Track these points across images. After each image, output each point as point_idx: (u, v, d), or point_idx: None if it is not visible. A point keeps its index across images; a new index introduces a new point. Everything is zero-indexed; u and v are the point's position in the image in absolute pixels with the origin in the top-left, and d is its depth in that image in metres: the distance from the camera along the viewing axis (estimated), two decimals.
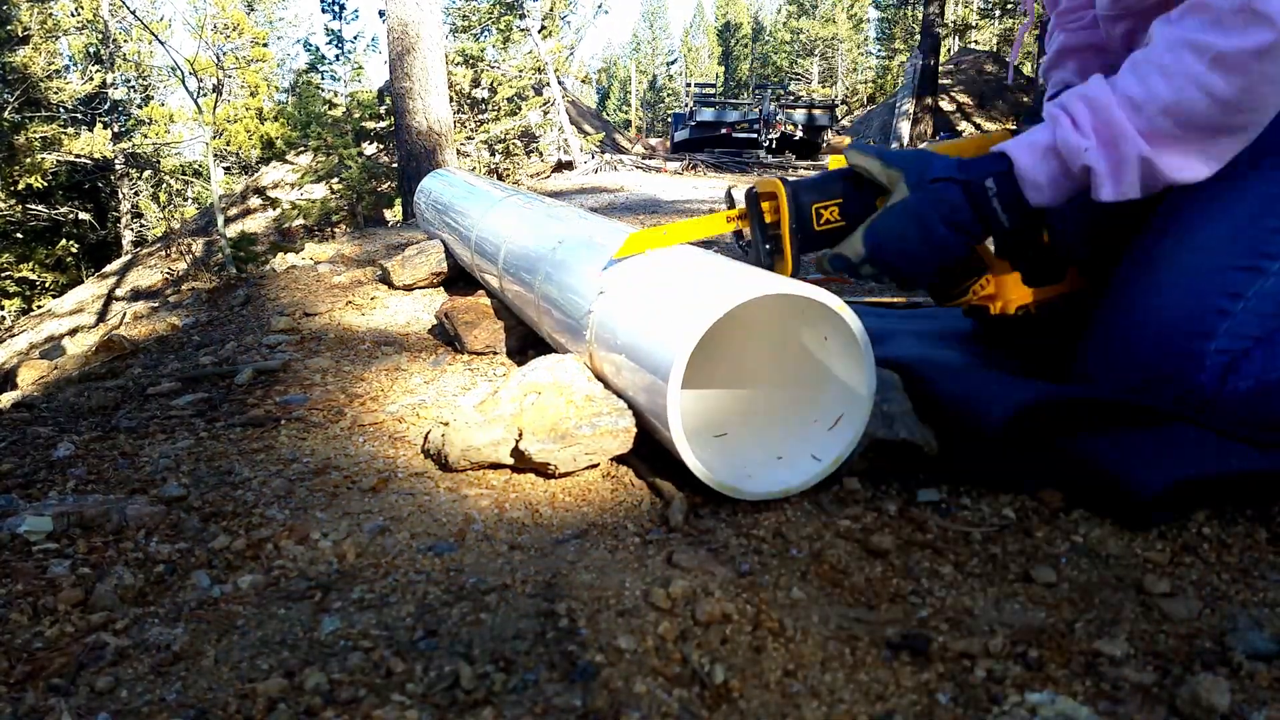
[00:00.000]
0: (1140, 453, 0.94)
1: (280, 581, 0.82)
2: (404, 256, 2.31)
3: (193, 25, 9.99)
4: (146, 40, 16.78)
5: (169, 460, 1.14)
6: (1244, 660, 0.67)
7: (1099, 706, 0.63)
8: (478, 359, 1.64)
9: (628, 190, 6.37)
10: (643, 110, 50.06)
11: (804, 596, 0.78)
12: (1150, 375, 1.04)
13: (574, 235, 1.35)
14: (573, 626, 0.73)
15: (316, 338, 1.86)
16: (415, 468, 1.10)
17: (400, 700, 0.64)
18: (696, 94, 19.81)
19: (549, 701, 0.63)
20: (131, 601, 0.79)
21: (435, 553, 0.87)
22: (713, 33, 56.59)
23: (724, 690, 0.65)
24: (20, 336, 9.75)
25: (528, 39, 14.41)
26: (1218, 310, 1.01)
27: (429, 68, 6.15)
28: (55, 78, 13.82)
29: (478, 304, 1.77)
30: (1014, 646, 0.71)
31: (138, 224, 14.92)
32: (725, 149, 15.61)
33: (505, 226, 1.70)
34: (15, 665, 0.69)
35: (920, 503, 0.97)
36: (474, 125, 13.40)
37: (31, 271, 12.70)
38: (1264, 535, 0.90)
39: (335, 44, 15.87)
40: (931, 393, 1.06)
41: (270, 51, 20.10)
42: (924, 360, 1.16)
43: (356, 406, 1.41)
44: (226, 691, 0.65)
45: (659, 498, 1.00)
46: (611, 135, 19.35)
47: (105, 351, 1.88)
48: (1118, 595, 0.79)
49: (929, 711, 0.63)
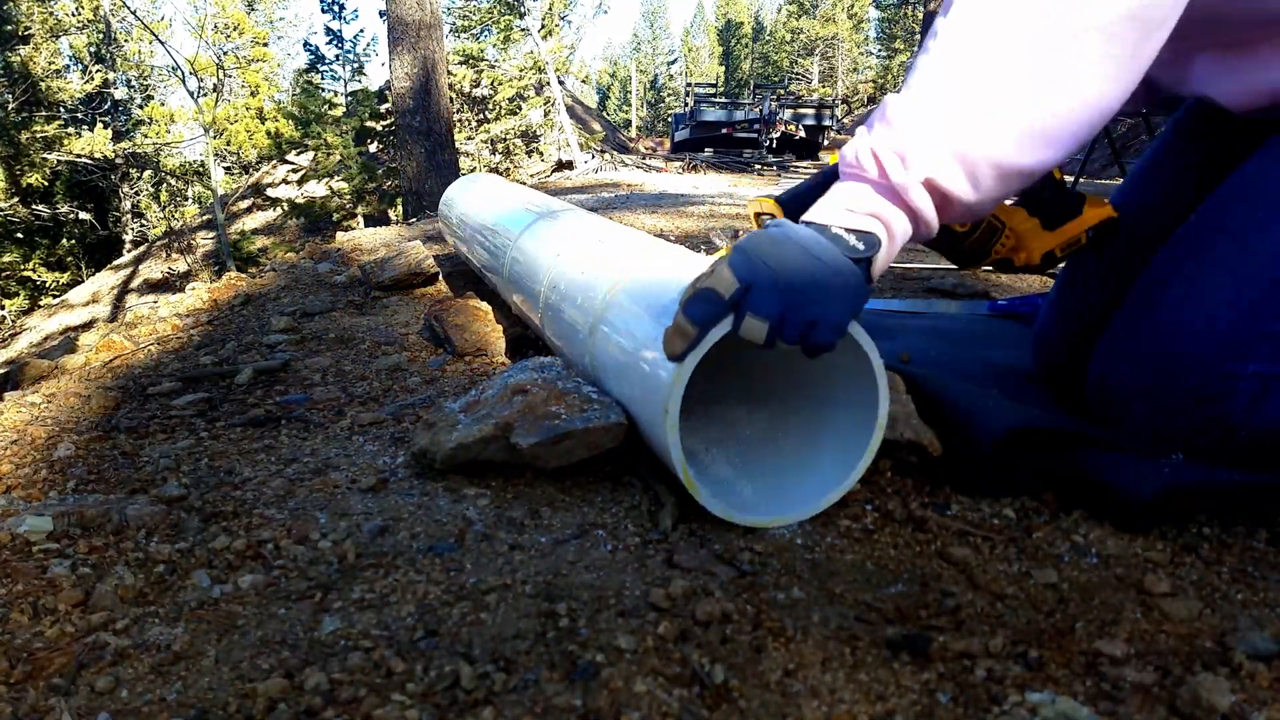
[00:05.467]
0: (1134, 460, 0.94)
1: (280, 581, 0.82)
2: (382, 259, 2.31)
3: (193, 25, 9.99)
4: (147, 40, 16.78)
5: (169, 460, 1.14)
6: (1244, 660, 0.67)
7: (1099, 706, 0.63)
8: (477, 359, 1.64)
9: (631, 187, 6.37)
10: (645, 109, 50.05)
11: (804, 596, 0.78)
12: (1173, 391, 0.95)
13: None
14: (573, 626, 0.73)
15: (316, 338, 1.86)
16: (415, 468, 1.10)
17: (400, 700, 0.64)
18: (697, 94, 19.82)
19: (549, 701, 0.63)
20: (131, 601, 0.79)
21: (435, 553, 0.87)
22: (713, 32, 56.58)
23: (724, 690, 0.65)
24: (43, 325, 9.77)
25: (528, 39, 14.41)
26: (1262, 334, 0.91)
27: (429, 67, 6.15)
28: (56, 77, 13.83)
29: (467, 305, 1.77)
30: (1014, 646, 0.71)
31: (138, 224, 14.92)
32: (726, 149, 15.62)
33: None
34: (15, 665, 0.69)
35: (921, 502, 0.97)
36: (474, 125, 13.40)
37: (32, 271, 12.71)
38: (1264, 535, 0.90)
39: (335, 44, 15.88)
40: (933, 398, 1.06)
41: (270, 51, 20.09)
42: (926, 364, 1.16)
43: (356, 406, 1.41)
44: (227, 691, 0.65)
45: (656, 501, 1.00)
46: (613, 135, 19.34)
47: (106, 351, 1.88)
48: (1118, 595, 0.79)
49: (929, 711, 0.63)
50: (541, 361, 1.18)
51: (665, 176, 8.80)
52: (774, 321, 0.79)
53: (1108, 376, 1.03)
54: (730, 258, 0.82)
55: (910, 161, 0.81)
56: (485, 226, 1.94)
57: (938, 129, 0.80)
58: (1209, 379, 0.93)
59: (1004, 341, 1.54)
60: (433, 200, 5.99)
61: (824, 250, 0.81)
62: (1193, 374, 0.94)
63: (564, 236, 1.46)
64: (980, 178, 0.82)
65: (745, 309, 0.80)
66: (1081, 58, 0.77)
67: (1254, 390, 0.92)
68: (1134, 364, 0.99)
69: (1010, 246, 1.10)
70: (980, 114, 0.79)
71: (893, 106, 0.83)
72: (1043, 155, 0.81)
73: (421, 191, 6.22)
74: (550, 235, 1.52)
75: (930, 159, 0.81)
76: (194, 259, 10.40)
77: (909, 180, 0.82)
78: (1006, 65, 0.78)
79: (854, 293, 0.81)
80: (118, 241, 14.24)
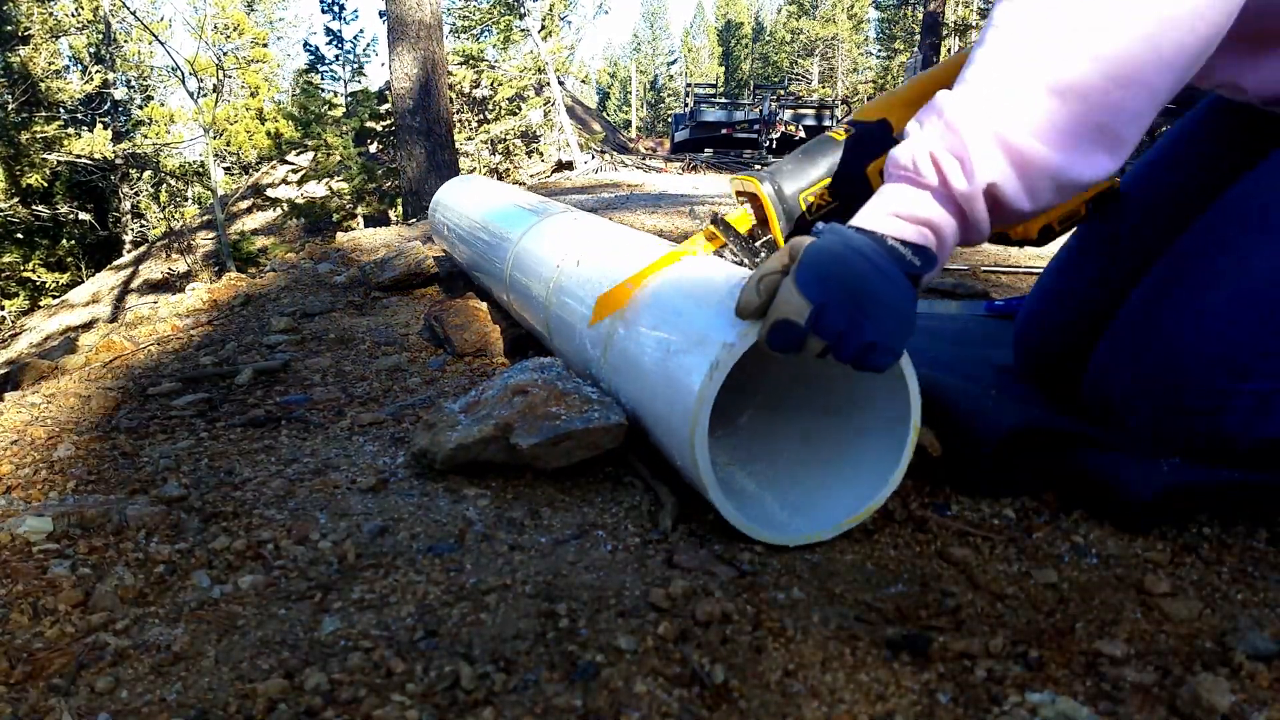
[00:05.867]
0: (1134, 460, 0.94)
1: (280, 582, 0.82)
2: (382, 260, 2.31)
3: (193, 26, 9.99)
4: (147, 40, 16.78)
5: (169, 460, 1.14)
6: (1244, 660, 0.67)
7: (1099, 706, 0.63)
8: (477, 360, 1.64)
9: (632, 188, 6.36)
10: (645, 109, 50.08)
11: (804, 596, 0.78)
12: (1172, 403, 0.95)
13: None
14: (573, 626, 0.73)
15: (316, 338, 1.86)
16: (415, 468, 1.10)
17: (400, 700, 0.64)
18: (697, 94, 19.83)
19: (549, 701, 0.63)
20: (131, 601, 0.79)
21: (435, 553, 0.87)
22: (713, 33, 56.60)
23: (724, 690, 0.65)
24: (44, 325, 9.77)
25: (528, 39, 14.42)
26: (1263, 352, 0.91)
27: (430, 67, 6.15)
28: (56, 78, 13.83)
29: (467, 305, 1.77)
30: (1014, 646, 0.71)
31: (138, 224, 14.92)
32: (726, 149, 15.63)
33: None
34: (15, 665, 0.69)
35: (921, 502, 0.97)
36: (474, 125, 13.41)
37: (32, 271, 12.72)
38: (1264, 535, 0.90)
39: (335, 44, 15.88)
40: (933, 398, 1.06)
41: (270, 52, 20.10)
42: (925, 365, 1.16)
43: (356, 406, 1.41)
44: (227, 691, 0.65)
45: (656, 501, 1.00)
46: (613, 135, 19.36)
47: (106, 351, 1.88)
48: (1118, 595, 0.79)
49: (929, 711, 0.63)
50: (541, 362, 1.18)
51: (665, 177, 8.80)
52: (832, 340, 0.76)
53: (1106, 379, 1.03)
54: (798, 275, 0.77)
55: (972, 168, 0.76)
56: (476, 228, 1.94)
57: (999, 130, 0.75)
58: (1207, 394, 0.92)
59: (1003, 341, 1.53)
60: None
61: (888, 267, 0.77)
62: (1191, 388, 0.93)
63: (571, 238, 1.45)
64: (1040, 189, 0.77)
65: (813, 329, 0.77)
66: (1159, 44, 0.72)
67: (1252, 406, 0.91)
68: (1134, 372, 0.99)
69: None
70: (1045, 111, 0.74)
71: (950, 106, 0.78)
72: (1103, 163, 0.77)
73: (421, 192, 6.22)
74: (554, 237, 1.52)
75: (993, 165, 0.76)
76: (194, 259, 10.40)
77: (973, 189, 0.77)
78: (1078, 55, 0.73)
79: (911, 314, 0.78)
80: (118, 242, 14.24)
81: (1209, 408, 0.93)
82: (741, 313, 0.81)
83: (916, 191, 0.80)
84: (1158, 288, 1.00)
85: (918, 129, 0.81)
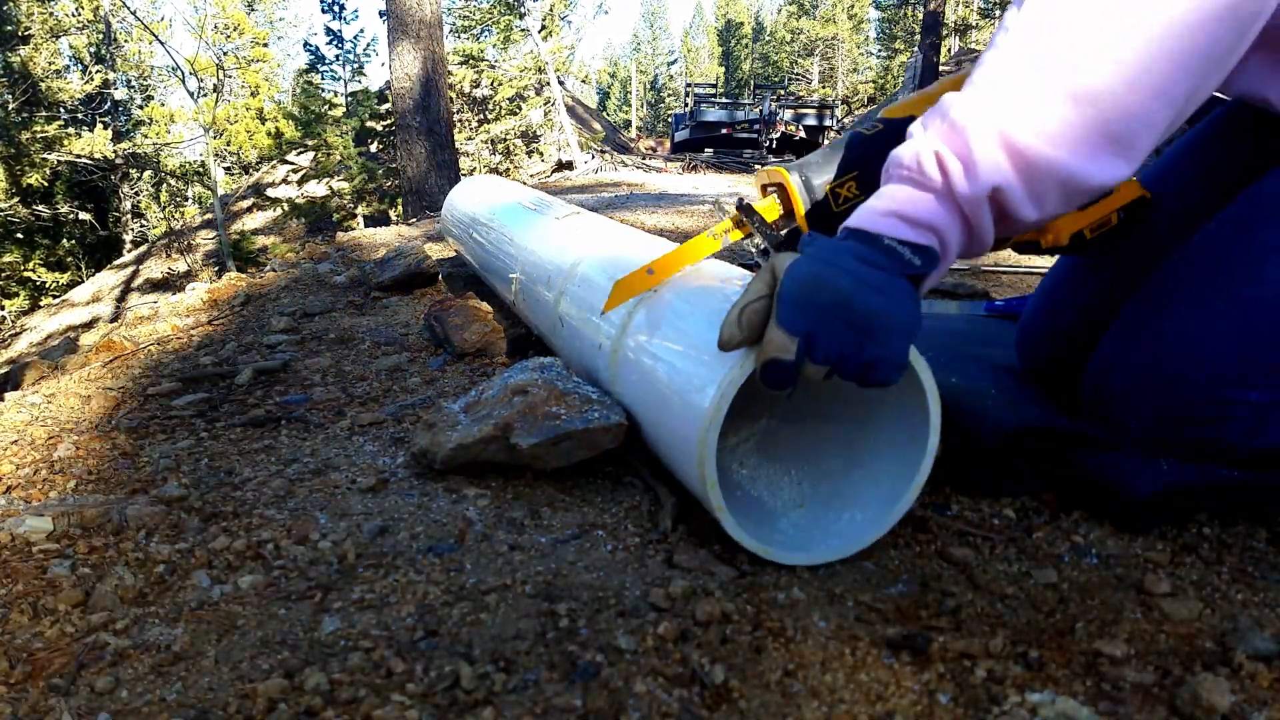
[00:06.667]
0: (1133, 460, 0.94)
1: (280, 582, 0.82)
2: (384, 260, 2.31)
3: (193, 25, 10.00)
4: (147, 40, 16.79)
5: (169, 460, 1.14)
6: (1244, 660, 0.67)
7: (1099, 706, 0.63)
8: (477, 360, 1.64)
9: (632, 188, 6.37)
10: (645, 109, 50.08)
11: (804, 597, 0.78)
12: (1172, 411, 0.94)
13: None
14: (573, 626, 0.73)
15: (316, 338, 1.86)
16: (415, 468, 1.10)
17: (400, 700, 0.64)
18: (697, 94, 19.83)
19: (549, 701, 0.63)
20: (131, 601, 0.79)
21: (435, 553, 0.87)
22: (713, 33, 56.61)
23: (724, 690, 0.65)
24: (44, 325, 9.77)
25: (528, 39, 14.42)
26: (1263, 366, 0.90)
27: (430, 66, 6.15)
28: (56, 77, 13.84)
29: (467, 305, 1.77)
30: (1014, 646, 0.71)
31: (138, 224, 14.93)
32: (726, 149, 15.64)
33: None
34: (15, 665, 0.69)
35: (921, 502, 0.97)
36: (474, 125, 13.40)
37: (32, 271, 12.73)
38: (1264, 535, 0.90)
39: (335, 44, 15.89)
40: None
41: (270, 52, 20.10)
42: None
43: (356, 406, 1.41)
44: (227, 691, 0.65)
45: (656, 501, 1.00)
46: (613, 135, 19.36)
47: (106, 351, 1.88)
48: (1118, 595, 0.79)
49: (929, 711, 0.63)
50: (542, 362, 1.18)
51: (665, 177, 8.81)
52: (832, 363, 0.74)
53: (1107, 383, 1.02)
54: (779, 313, 0.75)
55: (976, 170, 0.74)
56: (487, 228, 1.94)
57: (1006, 132, 0.73)
58: (1207, 403, 0.92)
59: (1003, 341, 1.53)
60: (433, 200, 5.99)
61: (876, 277, 0.74)
62: (1191, 399, 0.93)
63: (583, 238, 1.45)
64: (1046, 194, 0.75)
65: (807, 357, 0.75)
66: (1178, 51, 0.71)
67: (1252, 417, 0.91)
68: (1135, 378, 0.98)
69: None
70: (1056, 115, 0.72)
71: (956, 108, 0.76)
72: (1114, 168, 0.75)
73: (422, 191, 6.22)
74: (565, 237, 1.52)
75: (998, 168, 0.74)
76: (194, 259, 10.40)
77: (976, 192, 0.75)
78: (1091, 60, 0.71)
79: (911, 322, 0.74)
80: (118, 241, 14.25)
81: (1211, 416, 0.92)
82: (724, 348, 0.79)
83: (919, 192, 0.78)
84: (1160, 294, 1.00)
85: (921, 130, 0.80)
